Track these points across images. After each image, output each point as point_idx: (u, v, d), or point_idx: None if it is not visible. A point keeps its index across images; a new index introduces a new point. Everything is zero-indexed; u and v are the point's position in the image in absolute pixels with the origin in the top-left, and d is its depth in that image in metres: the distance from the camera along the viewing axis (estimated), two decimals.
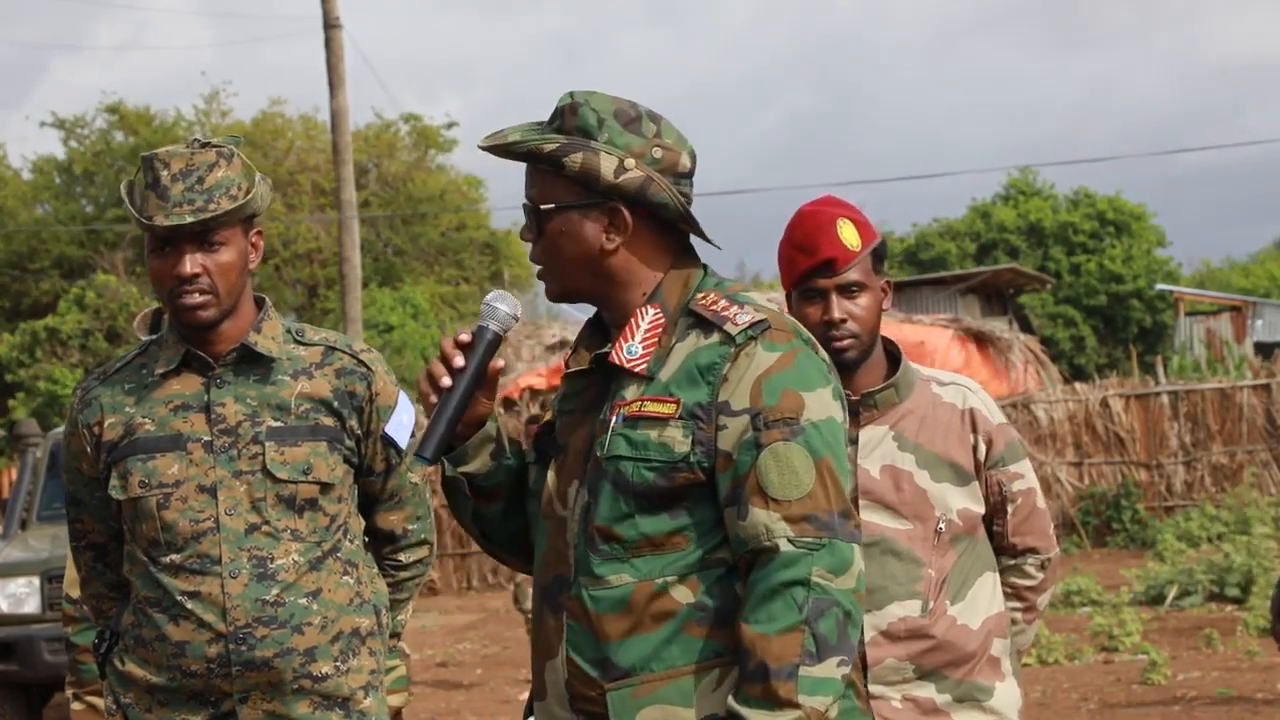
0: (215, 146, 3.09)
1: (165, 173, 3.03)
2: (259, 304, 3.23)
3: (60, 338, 26.37)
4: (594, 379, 2.41)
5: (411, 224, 32.83)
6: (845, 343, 3.15)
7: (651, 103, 2.44)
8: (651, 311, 2.38)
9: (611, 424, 2.32)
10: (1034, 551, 3.34)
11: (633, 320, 2.38)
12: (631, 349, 2.36)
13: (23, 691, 9.42)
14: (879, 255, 3.22)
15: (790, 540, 2.23)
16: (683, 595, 2.29)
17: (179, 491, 3.10)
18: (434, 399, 2.36)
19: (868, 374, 3.22)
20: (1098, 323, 34.49)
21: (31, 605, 9.06)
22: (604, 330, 2.46)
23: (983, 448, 3.24)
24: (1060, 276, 34.16)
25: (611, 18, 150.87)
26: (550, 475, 2.39)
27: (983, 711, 3.21)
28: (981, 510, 3.26)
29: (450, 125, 34.71)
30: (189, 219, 3.01)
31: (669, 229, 2.42)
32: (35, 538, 9.61)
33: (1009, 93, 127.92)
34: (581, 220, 2.38)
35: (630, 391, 2.35)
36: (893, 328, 21.13)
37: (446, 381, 2.34)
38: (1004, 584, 3.33)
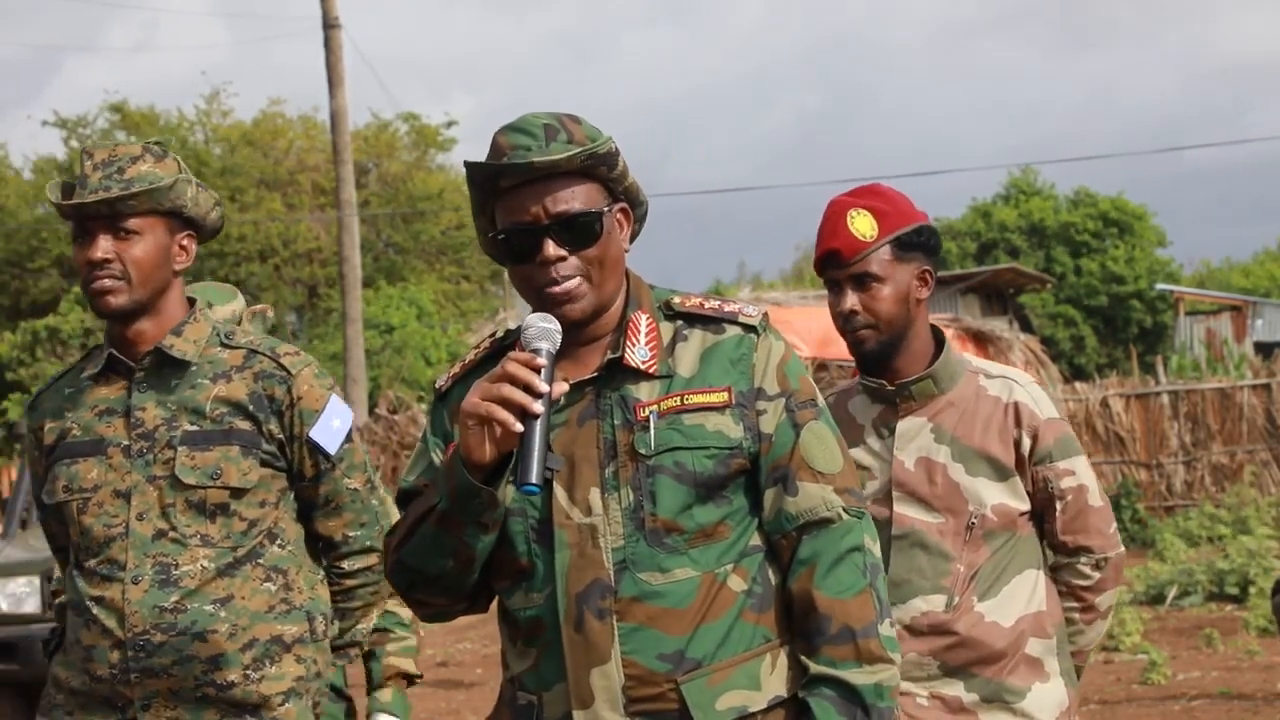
0: (146, 145, 3.08)
1: (89, 163, 3.04)
2: (192, 306, 3.18)
3: (61, 337, 26.37)
4: (590, 389, 2.39)
5: (411, 222, 32.81)
6: (860, 334, 3.13)
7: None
8: (645, 317, 2.42)
9: (650, 422, 2.34)
10: (1088, 550, 3.22)
11: (632, 325, 2.41)
12: (641, 352, 2.39)
13: (23, 691, 9.41)
14: (907, 244, 3.15)
15: (844, 510, 2.37)
16: (736, 584, 2.35)
17: (96, 496, 3.07)
18: (518, 426, 2.22)
19: (911, 364, 3.18)
20: (1098, 323, 34.48)
21: (32, 605, 9.02)
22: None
23: (1027, 442, 3.16)
24: (1063, 277, 34.15)
25: (616, 17, 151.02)
26: (558, 488, 2.36)
27: (1011, 714, 3.12)
28: (1023, 506, 3.17)
29: (449, 124, 34.74)
30: (90, 199, 2.99)
31: None
32: (36, 537, 9.57)
33: (1011, 92, 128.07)
34: (612, 221, 2.41)
35: (644, 392, 2.37)
36: None
37: (539, 408, 2.22)
38: (1059, 583, 3.25)
